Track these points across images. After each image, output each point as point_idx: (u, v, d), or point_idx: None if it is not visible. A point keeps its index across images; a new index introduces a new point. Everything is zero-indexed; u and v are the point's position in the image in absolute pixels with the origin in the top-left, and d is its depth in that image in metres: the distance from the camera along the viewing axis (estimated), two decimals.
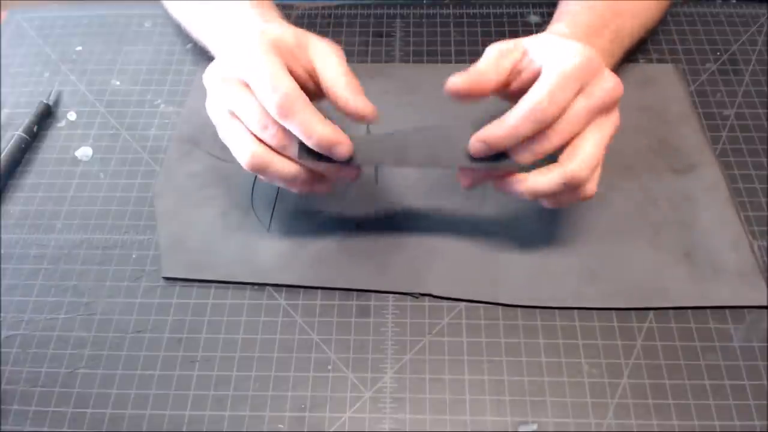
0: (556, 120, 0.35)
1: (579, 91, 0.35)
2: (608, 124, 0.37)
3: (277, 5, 0.46)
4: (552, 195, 0.37)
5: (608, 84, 0.36)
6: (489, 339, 0.40)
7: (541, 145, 0.35)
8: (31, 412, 0.38)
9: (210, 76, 0.39)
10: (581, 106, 0.35)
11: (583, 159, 0.35)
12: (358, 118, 0.37)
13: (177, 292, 0.42)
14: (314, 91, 0.39)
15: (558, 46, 0.37)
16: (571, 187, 0.36)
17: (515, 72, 0.37)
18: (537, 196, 0.37)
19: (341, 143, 0.36)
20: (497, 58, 0.37)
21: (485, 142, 0.35)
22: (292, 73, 0.37)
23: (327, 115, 0.36)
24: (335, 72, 0.37)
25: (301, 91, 0.35)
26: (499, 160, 0.37)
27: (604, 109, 0.36)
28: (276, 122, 0.36)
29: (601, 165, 0.38)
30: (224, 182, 0.47)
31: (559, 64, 0.35)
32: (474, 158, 0.37)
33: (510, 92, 0.38)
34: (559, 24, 0.44)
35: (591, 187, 0.37)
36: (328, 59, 0.38)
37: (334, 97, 0.37)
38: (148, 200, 0.47)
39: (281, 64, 0.36)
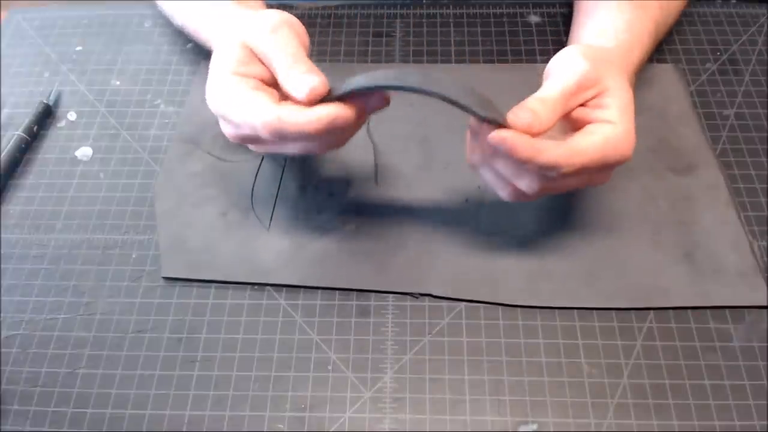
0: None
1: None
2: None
3: (278, 6, 0.46)
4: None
5: (624, 161, 0.37)
6: (489, 339, 0.40)
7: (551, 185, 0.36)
8: (31, 412, 0.38)
9: (222, 126, 0.39)
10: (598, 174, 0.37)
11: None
12: (306, 101, 0.35)
13: (177, 292, 0.42)
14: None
15: (622, 117, 0.36)
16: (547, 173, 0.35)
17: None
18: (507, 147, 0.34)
19: (341, 116, 0.34)
20: (573, 94, 0.36)
21: (505, 142, 0.34)
22: (264, 79, 0.37)
23: None
24: (277, 66, 0.36)
25: (277, 108, 0.35)
26: None
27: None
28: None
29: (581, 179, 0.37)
30: (224, 182, 0.47)
31: (617, 143, 0.35)
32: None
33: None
34: (603, 37, 0.43)
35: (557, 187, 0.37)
36: (271, 55, 0.37)
37: (283, 91, 0.37)
38: (148, 200, 0.47)
39: (246, 92, 0.36)
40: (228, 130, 0.39)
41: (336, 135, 0.37)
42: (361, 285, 0.42)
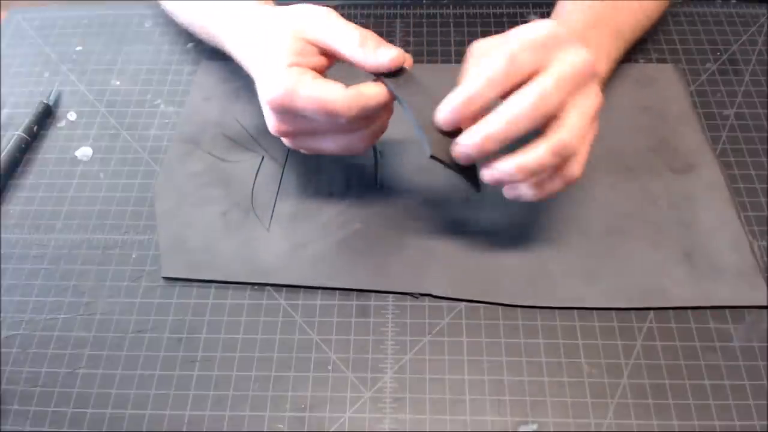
0: (515, 86, 0.34)
1: (544, 57, 0.35)
2: (589, 99, 0.36)
3: (280, 5, 0.46)
4: (540, 170, 0.35)
5: (576, 57, 0.35)
6: (489, 339, 0.40)
7: (518, 118, 0.34)
8: (31, 412, 0.38)
9: (263, 102, 0.39)
10: (550, 77, 0.34)
11: (570, 127, 0.34)
12: (389, 67, 0.37)
13: (177, 292, 0.42)
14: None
15: (527, 24, 0.36)
16: (561, 158, 0.35)
17: None
18: (526, 174, 0.35)
19: (382, 98, 0.37)
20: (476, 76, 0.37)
21: (449, 111, 0.35)
22: (318, 69, 0.38)
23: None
24: (347, 43, 0.37)
25: (350, 89, 0.36)
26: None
27: (575, 83, 0.35)
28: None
29: (587, 144, 0.37)
30: (224, 182, 0.47)
31: (522, 33, 0.35)
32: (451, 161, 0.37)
33: None
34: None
35: (576, 168, 0.36)
36: (335, 34, 0.38)
37: (356, 63, 0.37)
38: (148, 200, 0.47)
39: (315, 81, 0.36)
40: (278, 124, 0.39)
41: (384, 120, 0.40)
42: (361, 285, 0.42)
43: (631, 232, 0.43)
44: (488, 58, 0.35)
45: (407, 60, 0.38)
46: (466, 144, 0.35)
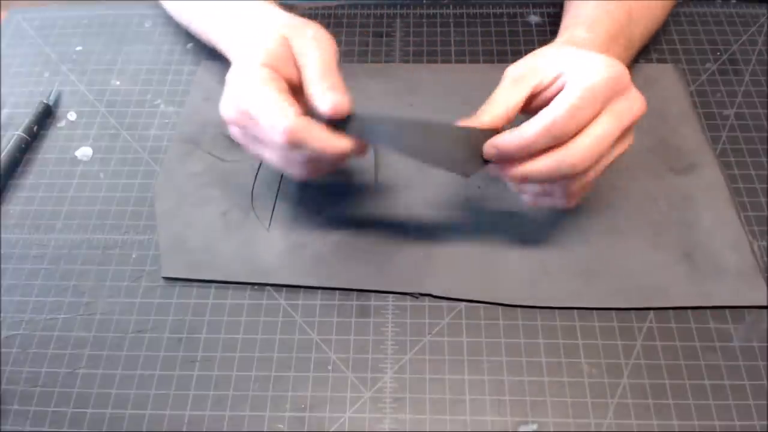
0: (573, 136, 0.34)
1: (603, 107, 0.34)
2: (627, 141, 0.37)
3: (279, 6, 0.46)
4: (543, 180, 0.35)
5: (635, 104, 0.35)
6: (489, 339, 0.40)
7: (574, 168, 0.34)
8: (31, 412, 0.38)
9: (227, 79, 0.38)
10: (607, 128, 0.34)
11: (580, 148, 0.34)
12: (328, 114, 0.35)
13: (177, 292, 0.42)
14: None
15: (584, 58, 0.35)
16: (564, 176, 0.35)
17: (536, 93, 0.37)
18: (528, 180, 0.35)
19: (357, 150, 0.36)
20: (511, 88, 0.37)
21: (497, 147, 0.35)
22: (291, 81, 0.37)
23: None
24: (311, 70, 0.36)
25: (303, 118, 0.35)
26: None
27: (625, 134, 0.36)
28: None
29: (607, 160, 0.36)
30: (224, 182, 0.47)
31: (584, 78, 0.34)
32: (484, 162, 0.37)
33: (531, 109, 0.37)
34: (578, 28, 0.42)
35: (587, 180, 0.36)
36: (309, 57, 0.37)
37: (307, 95, 0.36)
38: (148, 200, 0.47)
39: (277, 92, 0.35)
40: (228, 106, 0.38)
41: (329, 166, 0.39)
42: (361, 285, 0.42)
43: (631, 232, 0.43)
44: (551, 108, 0.34)
45: (345, 105, 0.35)
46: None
